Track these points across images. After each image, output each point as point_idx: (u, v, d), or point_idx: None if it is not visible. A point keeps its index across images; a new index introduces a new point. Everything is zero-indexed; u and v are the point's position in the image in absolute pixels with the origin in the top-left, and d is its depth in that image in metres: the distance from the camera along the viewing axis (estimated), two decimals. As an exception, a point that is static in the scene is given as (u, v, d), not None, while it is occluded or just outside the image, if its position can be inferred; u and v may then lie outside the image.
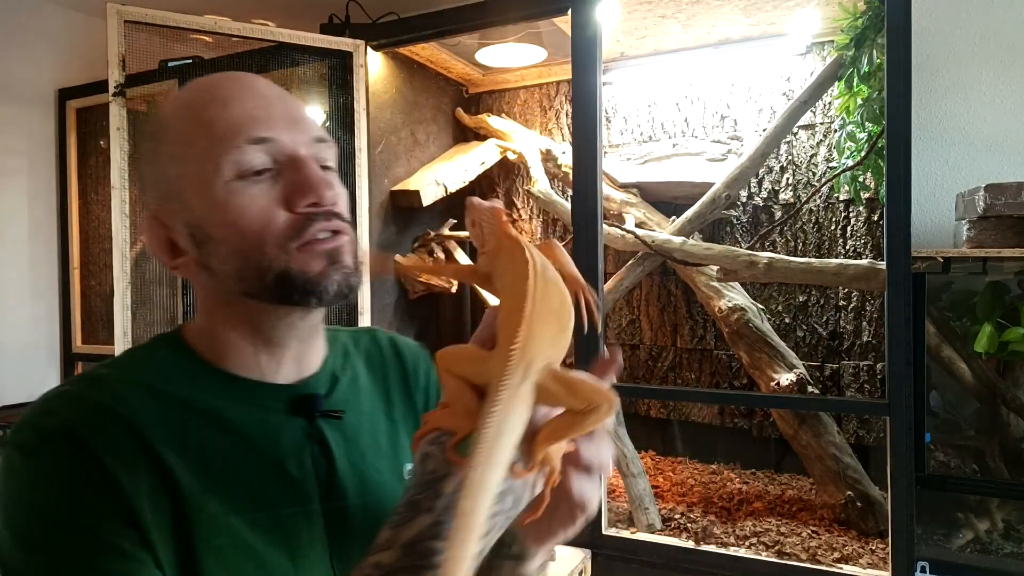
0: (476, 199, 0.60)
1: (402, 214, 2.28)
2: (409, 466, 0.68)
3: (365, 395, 0.69)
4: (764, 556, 1.62)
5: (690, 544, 1.69)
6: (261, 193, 0.57)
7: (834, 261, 1.78)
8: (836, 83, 1.80)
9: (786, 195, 2.10)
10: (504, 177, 2.58)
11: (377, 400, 0.70)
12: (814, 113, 2.03)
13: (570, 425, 0.46)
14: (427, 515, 0.45)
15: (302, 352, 0.64)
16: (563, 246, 0.59)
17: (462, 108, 2.56)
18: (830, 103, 1.98)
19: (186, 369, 0.59)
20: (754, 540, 1.69)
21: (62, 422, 0.52)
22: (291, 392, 0.62)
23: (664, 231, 2.07)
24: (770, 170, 2.11)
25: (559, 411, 0.48)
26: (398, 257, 2.27)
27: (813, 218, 2.05)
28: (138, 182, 0.61)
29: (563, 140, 2.42)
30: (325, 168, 0.62)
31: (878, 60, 1.64)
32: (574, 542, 1.68)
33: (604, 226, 1.78)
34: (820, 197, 2.03)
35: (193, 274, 0.60)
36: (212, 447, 0.56)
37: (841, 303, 2.03)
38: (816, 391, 1.87)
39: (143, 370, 0.58)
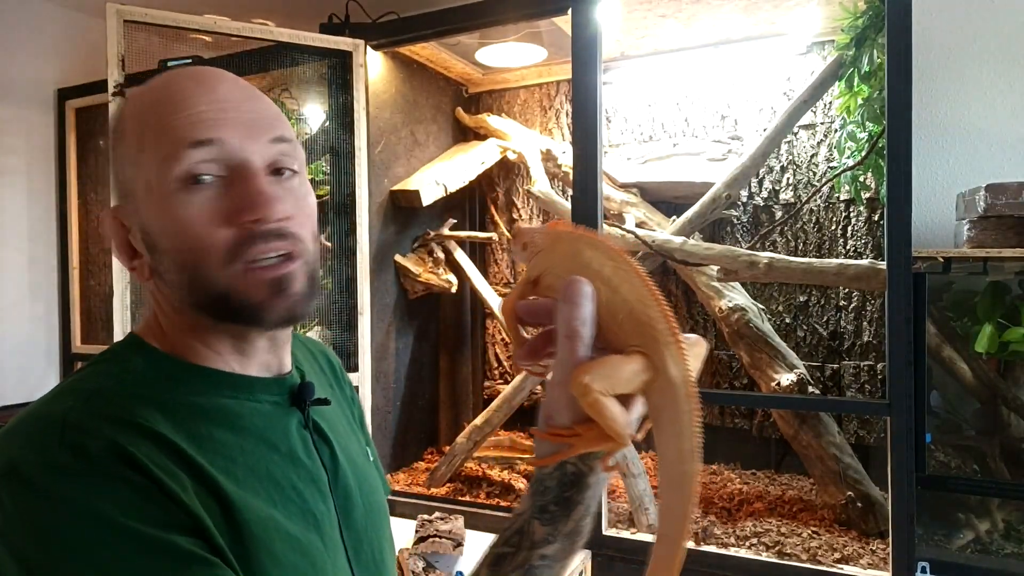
0: (521, 225, 0.60)
1: (402, 214, 2.28)
2: (368, 448, 0.73)
3: (321, 386, 0.69)
4: (764, 556, 1.62)
5: (690, 544, 1.68)
6: (204, 204, 0.53)
7: (835, 261, 1.78)
8: (836, 83, 1.80)
9: (786, 195, 2.10)
10: (504, 177, 2.57)
11: (329, 390, 0.71)
12: (814, 113, 2.02)
13: None
14: (580, 507, 0.49)
15: (274, 356, 0.63)
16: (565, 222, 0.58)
17: (462, 108, 2.56)
18: (830, 103, 1.98)
19: (171, 374, 0.56)
20: (754, 540, 1.68)
21: (103, 438, 0.48)
22: (282, 384, 0.62)
23: (664, 231, 2.07)
24: (770, 170, 2.11)
25: None
26: (398, 257, 2.27)
27: (814, 218, 2.05)
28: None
29: (563, 140, 2.41)
30: (280, 174, 0.57)
31: (879, 60, 1.64)
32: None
33: (604, 226, 1.78)
34: (821, 197, 2.03)
35: (148, 278, 0.57)
36: (232, 445, 0.55)
37: (842, 303, 2.02)
38: (817, 391, 1.87)
39: (130, 381, 0.54)
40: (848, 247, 2.00)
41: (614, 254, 0.49)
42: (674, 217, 2.09)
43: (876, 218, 1.95)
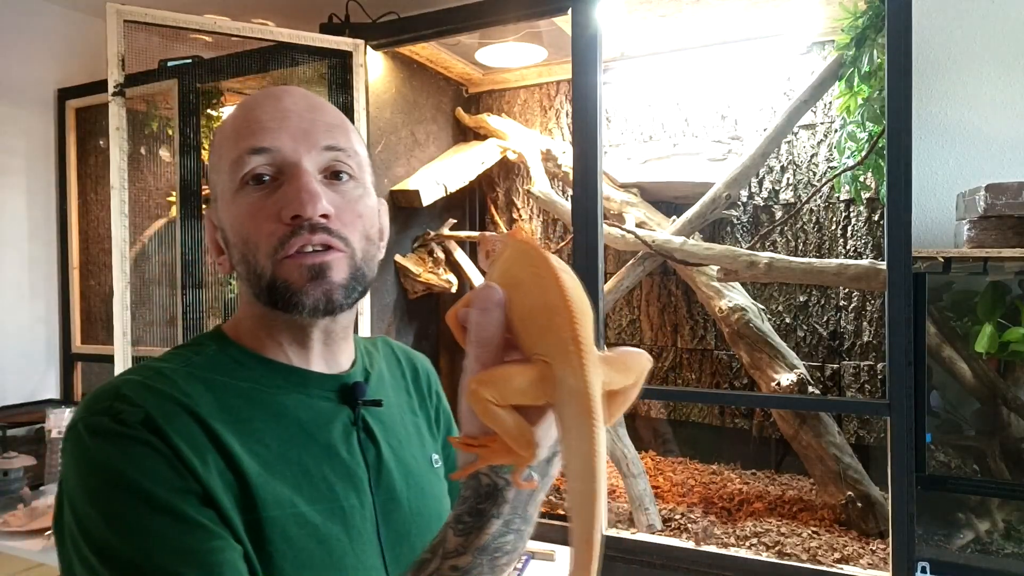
0: (485, 234, 0.60)
1: (402, 214, 2.28)
2: (435, 456, 0.75)
3: (391, 390, 0.74)
4: (764, 556, 1.62)
5: (690, 545, 1.68)
6: (259, 202, 0.60)
7: (835, 261, 1.78)
8: (837, 82, 1.80)
9: (787, 195, 2.10)
10: (504, 177, 2.57)
11: (402, 396, 0.75)
12: (815, 113, 2.02)
13: (626, 399, 0.48)
14: (496, 520, 0.49)
15: (330, 352, 0.67)
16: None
17: (462, 108, 2.56)
18: (831, 103, 1.98)
19: (236, 360, 0.63)
20: (754, 540, 1.68)
21: (140, 409, 0.54)
22: (337, 381, 0.66)
23: (664, 231, 2.07)
24: (770, 170, 2.11)
25: None
26: (398, 257, 2.26)
27: (814, 218, 2.05)
28: None
29: (563, 140, 2.41)
30: (338, 178, 0.63)
31: (879, 59, 1.64)
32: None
33: (604, 226, 1.78)
34: (821, 197, 2.03)
35: (229, 271, 0.65)
36: (269, 431, 0.60)
37: (842, 303, 2.02)
38: (816, 391, 1.87)
39: (196, 364, 0.61)
40: (848, 247, 2.00)
41: (538, 260, 0.46)
42: (674, 217, 2.09)
43: (876, 218, 1.95)
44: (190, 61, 1.88)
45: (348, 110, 1.97)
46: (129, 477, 0.52)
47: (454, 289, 2.31)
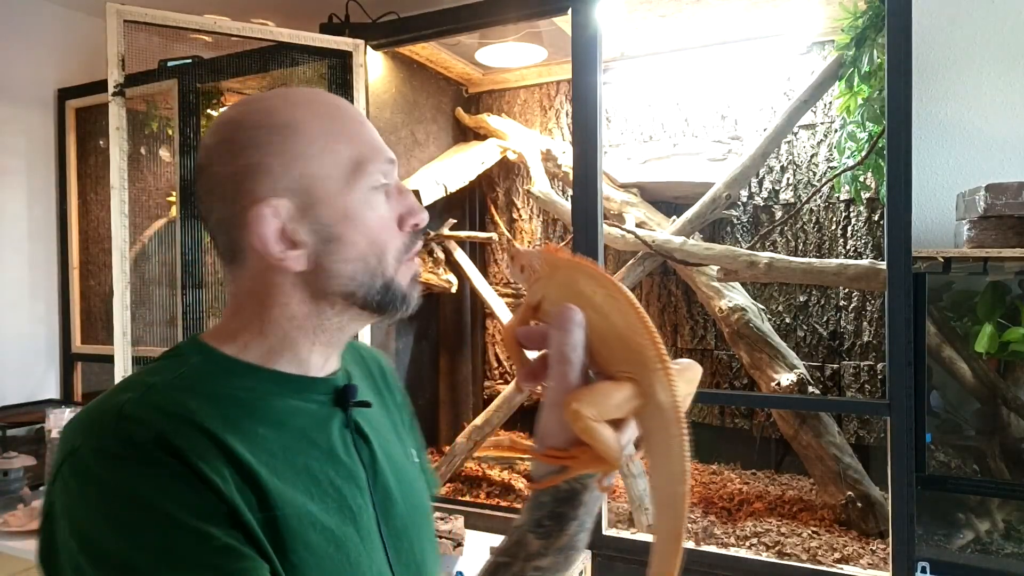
0: (517, 247, 0.62)
1: (402, 214, 2.28)
2: (413, 451, 0.77)
3: (368, 390, 0.74)
4: (764, 556, 1.62)
5: (690, 544, 1.68)
6: (387, 208, 0.63)
7: (835, 261, 1.78)
8: (836, 82, 1.80)
9: (786, 195, 2.10)
10: (504, 177, 2.57)
11: (374, 394, 0.75)
12: (814, 113, 2.02)
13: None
14: (574, 522, 0.53)
15: (334, 354, 0.68)
16: (563, 246, 0.60)
17: (462, 108, 2.56)
18: (831, 103, 1.98)
19: (227, 369, 0.61)
20: (754, 540, 1.68)
21: (150, 428, 0.52)
22: (329, 384, 0.66)
23: (664, 231, 2.07)
24: (770, 170, 2.11)
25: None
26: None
27: (814, 218, 2.05)
28: (225, 165, 0.61)
29: (563, 140, 2.41)
30: None
31: (879, 59, 1.64)
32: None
33: (604, 226, 1.78)
34: (821, 197, 2.03)
35: (295, 268, 0.60)
36: (274, 440, 0.58)
37: (842, 303, 2.02)
38: (816, 391, 1.87)
39: (187, 376, 0.59)
40: (848, 247, 2.00)
41: (607, 283, 0.52)
42: (674, 217, 2.09)
43: (876, 218, 1.95)
44: (190, 61, 1.88)
45: (348, 110, 1.97)
46: (150, 501, 0.49)
47: (454, 289, 2.31)
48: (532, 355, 0.56)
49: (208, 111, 2.00)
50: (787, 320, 2.10)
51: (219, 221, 0.62)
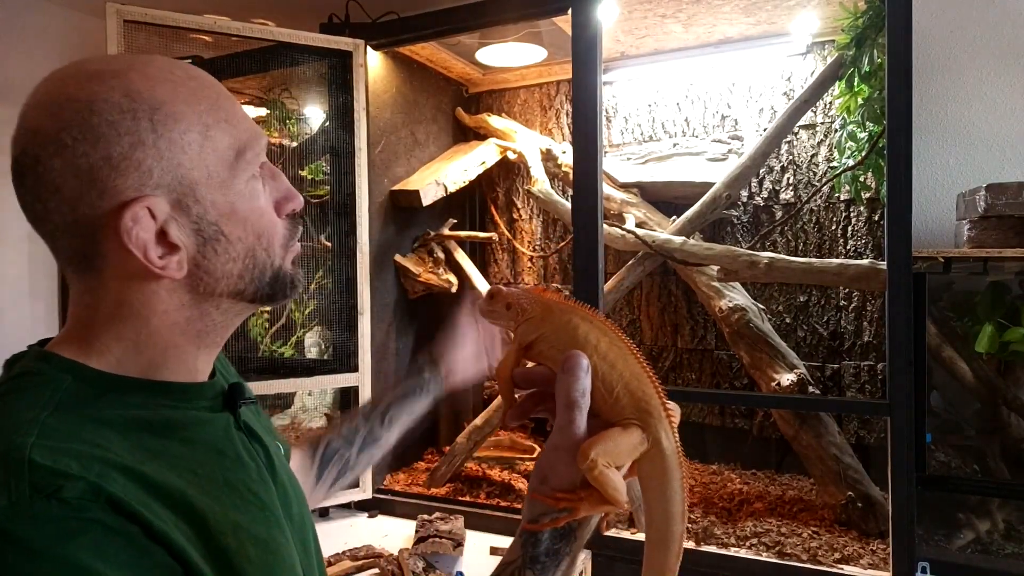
0: (499, 287, 0.62)
1: (402, 214, 2.28)
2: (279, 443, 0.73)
3: (236, 379, 0.71)
4: (765, 557, 1.62)
5: (690, 544, 1.68)
6: (265, 196, 0.59)
7: (835, 261, 1.78)
8: (837, 83, 1.80)
9: (787, 195, 2.10)
10: (504, 177, 2.57)
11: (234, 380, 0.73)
12: (815, 113, 2.02)
13: None
14: (568, 557, 0.54)
15: (215, 357, 0.63)
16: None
17: (462, 108, 2.56)
18: (831, 103, 1.98)
19: (112, 387, 0.52)
20: (755, 541, 1.68)
21: (78, 480, 0.43)
22: (216, 387, 0.62)
23: (664, 231, 2.07)
24: (771, 170, 2.11)
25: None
26: (398, 257, 2.27)
27: (814, 218, 2.05)
28: (74, 157, 0.49)
29: (563, 140, 2.41)
30: None
31: (879, 60, 1.64)
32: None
33: (604, 226, 1.78)
34: (821, 197, 2.03)
35: (177, 276, 0.53)
36: (188, 457, 0.53)
37: (842, 303, 2.02)
38: (817, 391, 1.87)
39: (67, 404, 0.49)
40: (848, 247, 2.00)
41: (607, 329, 0.55)
42: (674, 217, 2.09)
43: (876, 218, 1.95)
44: (190, 61, 1.88)
45: (348, 110, 1.97)
46: (86, 566, 0.41)
47: (454, 289, 2.31)
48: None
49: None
50: (787, 320, 2.10)
51: (66, 224, 0.52)
